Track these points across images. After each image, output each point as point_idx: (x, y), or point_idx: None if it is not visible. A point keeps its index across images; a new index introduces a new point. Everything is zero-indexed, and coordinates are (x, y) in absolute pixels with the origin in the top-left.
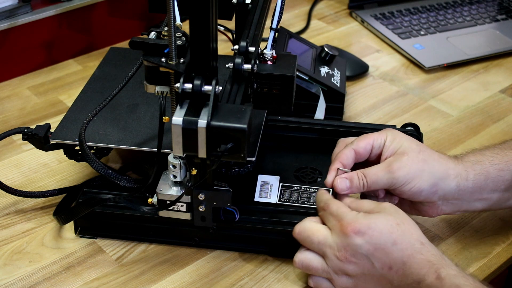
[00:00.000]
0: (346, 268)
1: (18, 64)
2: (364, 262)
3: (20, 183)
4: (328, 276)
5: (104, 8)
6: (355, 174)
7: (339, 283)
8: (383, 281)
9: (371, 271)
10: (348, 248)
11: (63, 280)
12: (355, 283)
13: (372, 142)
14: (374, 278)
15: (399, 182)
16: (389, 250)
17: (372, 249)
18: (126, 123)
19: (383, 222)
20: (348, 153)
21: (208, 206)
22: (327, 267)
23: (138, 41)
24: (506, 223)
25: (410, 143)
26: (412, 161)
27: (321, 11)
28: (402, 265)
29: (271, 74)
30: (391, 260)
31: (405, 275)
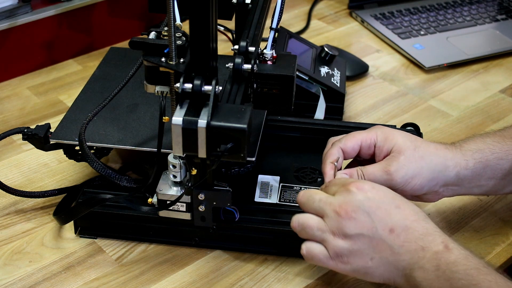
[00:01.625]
0: (345, 225)
1: (18, 64)
2: (365, 219)
3: (20, 183)
4: (322, 237)
5: (104, 8)
6: (354, 171)
7: (333, 245)
8: (382, 246)
9: (370, 231)
10: (350, 203)
11: (63, 280)
12: (350, 247)
13: (360, 142)
14: (372, 242)
15: (398, 184)
16: (392, 212)
17: (375, 207)
18: (126, 123)
19: (387, 189)
20: (335, 152)
21: (208, 206)
22: (324, 225)
23: (138, 41)
24: (506, 223)
25: (404, 140)
26: (410, 161)
27: (321, 11)
28: (404, 229)
29: (271, 74)
30: (393, 222)
31: (408, 240)
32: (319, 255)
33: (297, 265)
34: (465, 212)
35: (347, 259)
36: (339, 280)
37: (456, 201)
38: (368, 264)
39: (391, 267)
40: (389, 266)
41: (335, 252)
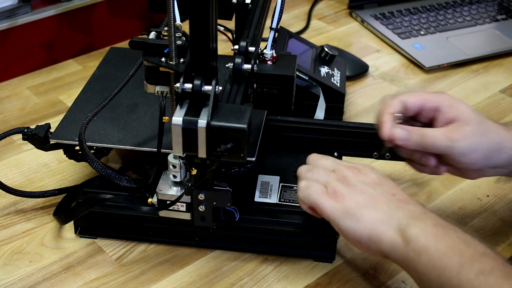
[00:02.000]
0: (353, 177)
1: (18, 64)
2: (374, 179)
3: (20, 183)
4: (327, 179)
5: (104, 8)
6: (413, 129)
7: (334, 184)
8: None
9: (373, 187)
10: (363, 169)
11: (63, 280)
12: (349, 190)
13: (424, 101)
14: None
15: (457, 153)
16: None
17: (383, 178)
18: (126, 123)
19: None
20: (396, 104)
21: (208, 206)
22: (332, 173)
23: (138, 41)
24: (506, 223)
25: (469, 111)
26: (474, 133)
27: (321, 11)
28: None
29: (271, 74)
30: (397, 192)
31: (407, 203)
32: (315, 187)
33: (297, 265)
34: (465, 212)
35: (341, 198)
36: (339, 280)
37: (456, 201)
38: (361, 204)
39: (385, 215)
40: (382, 214)
41: (334, 189)
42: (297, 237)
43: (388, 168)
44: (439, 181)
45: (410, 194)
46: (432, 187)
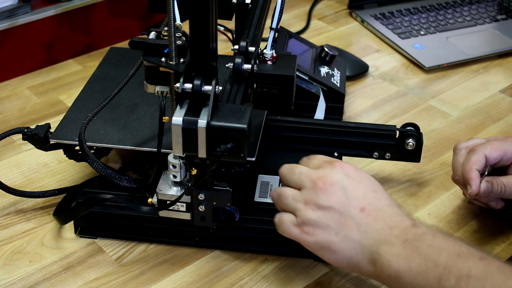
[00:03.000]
0: (319, 196)
1: (18, 64)
2: (340, 194)
3: (20, 183)
4: (295, 206)
5: (104, 8)
6: (495, 180)
7: (303, 214)
8: (350, 223)
9: (342, 206)
10: (329, 177)
11: (63, 280)
12: (318, 218)
13: (504, 153)
14: (341, 217)
15: None
16: (367, 193)
17: (352, 186)
18: (126, 123)
19: (369, 175)
20: (481, 160)
21: (208, 206)
22: (299, 195)
23: (138, 41)
24: (506, 223)
25: None
26: None
27: (321, 11)
28: (375, 210)
29: (271, 74)
30: (366, 202)
31: (377, 219)
32: (287, 222)
33: (297, 265)
34: (465, 212)
35: (312, 230)
36: (339, 280)
37: (456, 201)
38: (332, 238)
39: (356, 244)
40: (353, 244)
41: (303, 221)
42: None
43: (388, 168)
44: (439, 181)
45: (410, 194)
46: (432, 187)
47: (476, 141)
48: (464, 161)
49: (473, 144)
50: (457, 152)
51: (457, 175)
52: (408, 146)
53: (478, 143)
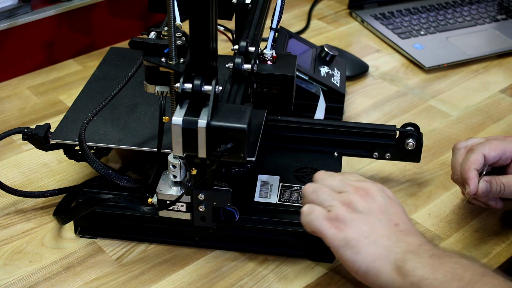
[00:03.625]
0: (358, 201)
1: (18, 64)
2: (379, 205)
3: (20, 183)
4: (330, 203)
5: (104, 8)
6: (493, 180)
7: (337, 210)
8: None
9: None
10: (371, 190)
11: (63, 280)
12: (352, 218)
13: (502, 152)
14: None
15: None
16: (402, 215)
17: (391, 204)
18: (126, 123)
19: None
20: (480, 159)
21: (208, 206)
22: (336, 195)
23: (138, 41)
24: (506, 223)
25: None
26: None
27: (321, 11)
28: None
29: (271, 74)
30: (401, 221)
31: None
32: (318, 213)
33: (297, 265)
34: (465, 212)
35: (343, 226)
36: (339, 280)
37: (456, 201)
38: (360, 238)
39: (383, 250)
40: (381, 249)
41: (336, 216)
42: (297, 237)
43: (388, 168)
44: (439, 181)
45: (410, 194)
46: (432, 187)
47: (475, 140)
48: (463, 161)
49: (472, 143)
50: (456, 151)
51: (456, 175)
52: (408, 146)
53: (477, 142)
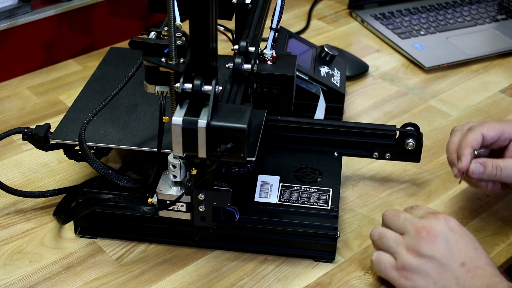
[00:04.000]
0: (422, 244)
1: (18, 64)
2: (443, 246)
3: (20, 183)
4: (396, 249)
5: (104, 8)
6: (489, 162)
7: (403, 258)
8: (450, 275)
9: (443, 258)
10: (433, 227)
11: (63, 280)
12: (419, 265)
13: (501, 133)
14: (442, 268)
15: None
16: (469, 249)
17: (455, 239)
18: (126, 123)
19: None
20: (478, 138)
21: (208, 206)
22: (401, 240)
23: (138, 41)
24: (506, 223)
25: None
26: None
27: (321, 11)
28: (475, 267)
29: (271, 74)
30: (467, 258)
31: (475, 276)
32: (386, 263)
33: (297, 265)
34: (465, 212)
35: (411, 275)
36: (339, 280)
37: (456, 201)
38: (429, 286)
39: None
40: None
41: (403, 265)
42: (297, 237)
43: (388, 168)
44: (439, 181)
45: (410, 194)
46: (432, 187)
47: (473, 123)
48: (461, 139)
49: (470, 125)
50: (453, 133)
51: (451, 155)
52: (408, 146)
53: (475, 124)
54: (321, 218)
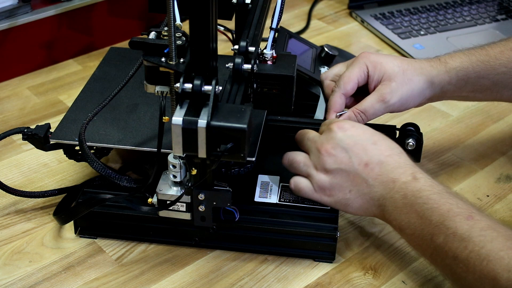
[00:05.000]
0: (325, 161)
1: (18, 64)
2: (343, 155)
3: (20, 183)
4: (307, 171)
5: (104, 8)
6: (352, 113)
7: (317, 179)
8: (358, 179)
9: (347, 166)
10: (330, 141)
11: (63, 280)
12: (331, 181)
13: (357, 80)
14: (350, 175)
15: (395, 108)
16: (368, 147)
17: (352, 143)
18: (126, 123)
19: (366, 127)
20: (339, 100)
21: (208, 206)
22: (309, 161)
23: (138, 41)
24: (506, 223)
25: (391, 66)
26: (401, 85)
27: (321, 11)
28: (378, 163)
29: (271, 74)
30: (368, 157)
31: (381, 173)
32: (305, 188)
33: (297, 265)
34: None
35: (329, 192)
36: (339, 280)
37: None
38: (347, 196)
39: (367, 197)
40: (365, 197)
41: (319, 186)
42: (297, 237)
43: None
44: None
45: None
46: None
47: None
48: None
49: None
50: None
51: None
52: (408, 146)
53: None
54: (321, 218)
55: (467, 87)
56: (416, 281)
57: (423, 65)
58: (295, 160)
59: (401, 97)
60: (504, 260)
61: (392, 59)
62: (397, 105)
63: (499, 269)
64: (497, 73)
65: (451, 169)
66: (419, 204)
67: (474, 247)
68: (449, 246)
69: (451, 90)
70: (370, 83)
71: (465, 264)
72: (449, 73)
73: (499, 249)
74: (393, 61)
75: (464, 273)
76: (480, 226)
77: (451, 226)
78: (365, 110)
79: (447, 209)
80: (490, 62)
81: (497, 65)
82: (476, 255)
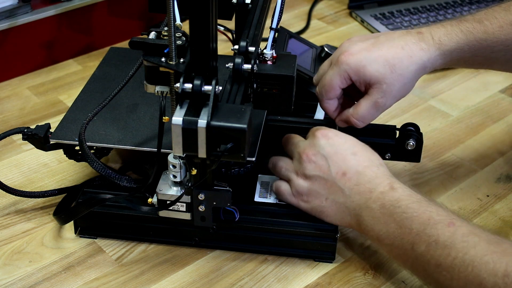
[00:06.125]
0: (305, 167)
1: (18, 64)
2: (322, 163)
3: (20, 183)
4: (288, 176)
5: (104, 8)
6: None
7: (296, 184)
8: (334, 188)
9: (325, 174)
10: (312, 148)
11: (63, 280)
12: (309, 187)
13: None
14: (327, 183)
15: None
16: (347, 157)
17: (332, 152)
18: (126, 123)
19: (349, 137)
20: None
21: (208, 206)
22: (290, 166)
23: (138, 41)
24: (506, 223)
25: (376, 68)
26: (392, 84)
27: (321, 11)
28: (356, 173)
29: (271, 74)
30: (346, 167)
31: (358, 183)
32: (284, 192)
33: (297, 265)
34: (465, 212)
35: (306, 198)
36: (339, 280)
37: (456, 201)
38: (323, 203)
39: (343, 207)
40: (340, 207)
41: (297, 190)
42: (297, 237)
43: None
44: (439, 181)
45: None
46: (432, 187)
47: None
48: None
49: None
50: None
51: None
52: (408, 146)
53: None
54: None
55: (459, 64)
56: (416, 281)
57: (413, 51)
58: (278, 165)
59: (395, 95)
60: (489, 265)
61: (376, 56)
62: (393, 103)
63: (484, 274)
64: (493, 51)
65: (451, 169)
66: (398, 213)
67: (458, 254)
68: (432, 254)
69: (441, 66)
70: (358, 86)
71: (449, 271)
72: (443, 56)
73: (483, 254)
74: (377, 60)
75: (448, 280)
76: (461, 232)
77: (432, 233)
78: (362, 117)
79: (428, 217)
80: (488, 41)
81: (494, 43)
82: (460, 262)
